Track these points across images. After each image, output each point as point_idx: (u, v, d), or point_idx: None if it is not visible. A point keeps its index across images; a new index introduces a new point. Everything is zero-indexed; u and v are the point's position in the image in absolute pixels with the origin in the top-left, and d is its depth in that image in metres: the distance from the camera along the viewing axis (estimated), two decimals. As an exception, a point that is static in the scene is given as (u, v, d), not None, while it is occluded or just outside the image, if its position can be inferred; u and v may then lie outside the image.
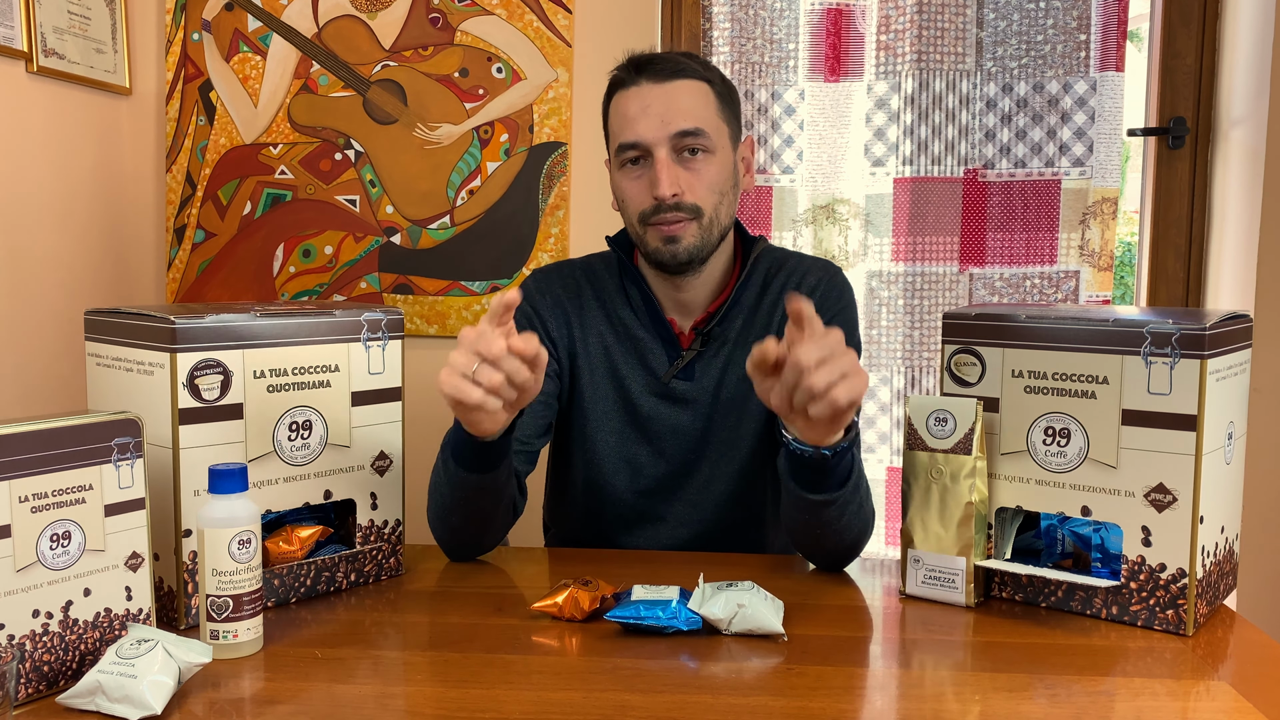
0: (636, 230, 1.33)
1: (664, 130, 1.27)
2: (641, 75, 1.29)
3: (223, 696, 0.88)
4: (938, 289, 2.01)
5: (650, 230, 1.31)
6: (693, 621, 1.01)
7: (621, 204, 1.35)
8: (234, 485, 0.96)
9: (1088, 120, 1.96)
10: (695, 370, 1.37)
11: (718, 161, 1.31)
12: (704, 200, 1.29)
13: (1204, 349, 0.98)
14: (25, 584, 0.85)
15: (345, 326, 1.13)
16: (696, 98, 1.29)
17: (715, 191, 1.30)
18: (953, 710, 0.86)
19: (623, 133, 1.30)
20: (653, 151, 1.28)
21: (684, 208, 1.28)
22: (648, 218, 1.30)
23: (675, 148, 1.28)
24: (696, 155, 1.29)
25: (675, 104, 1.28)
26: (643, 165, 1.30)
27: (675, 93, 1.28)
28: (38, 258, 1.76)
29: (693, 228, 1.29)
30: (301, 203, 2.04)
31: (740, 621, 1.00)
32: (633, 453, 1.39)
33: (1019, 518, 1.13)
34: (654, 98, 1.28)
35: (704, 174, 1.29)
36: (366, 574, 1.17)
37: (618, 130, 1.31)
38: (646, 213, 1.30)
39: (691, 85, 1.29)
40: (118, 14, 1.95)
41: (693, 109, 1.28)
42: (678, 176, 1.28)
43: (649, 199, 1.29)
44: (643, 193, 1.30)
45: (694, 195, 1.29)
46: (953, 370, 1.13)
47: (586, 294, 1.41)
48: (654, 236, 1.31)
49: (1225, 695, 0.89)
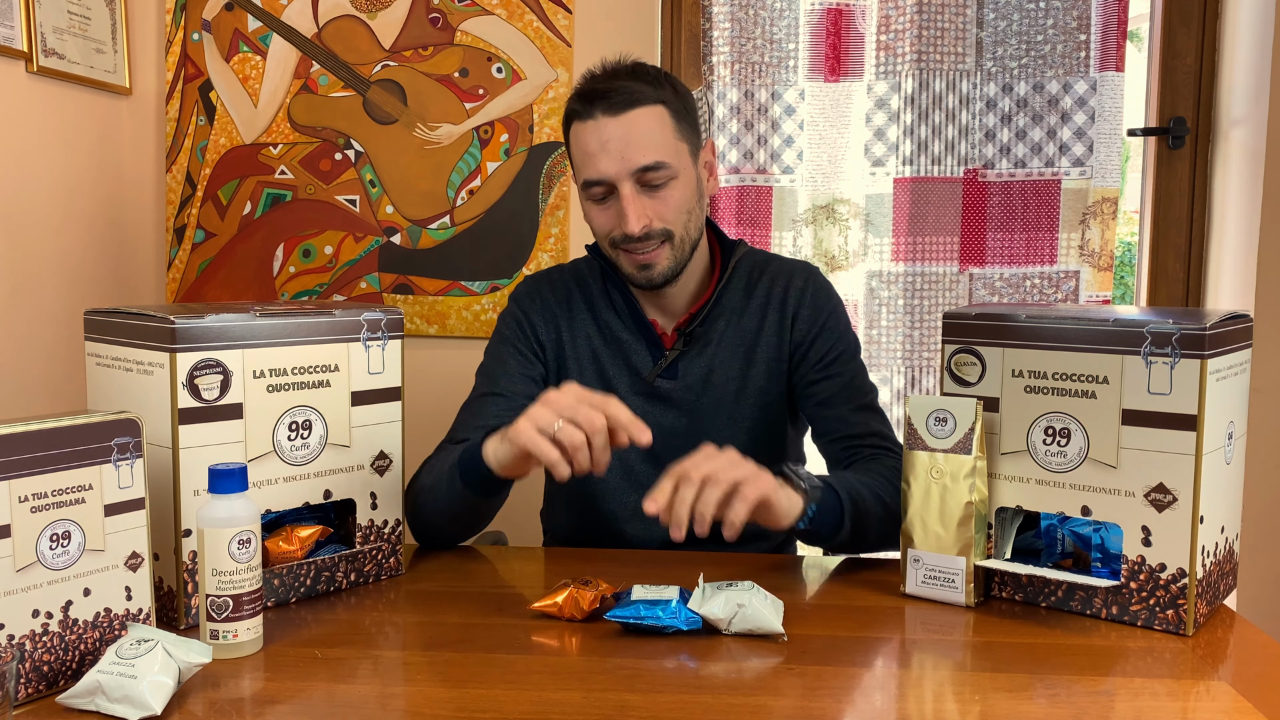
0: (609, 252, 1.36)
1: (625, 166, 1.28)
2: (596, 107, 1.29)
3: (223, 696, 0.88)
4: (938, 289, 2.01)
5: (623, 255, 1.33)
6: (692, 621, 1.01)
7: (594, 231, 1.37)
8: (234, 485, 0.96)
9: (1088, 120, 1.96)
10: (679, 369, 1.39)
11: (681, 183, 1.32)
12: (673, 223, 1.32)
13: (1204, 349, 0.98)
14: (25, 584, 0.85)
15: (345, 326, 1.13)
16: (653, 126, 1.29)
17: (683, 212, 1.32)
18: (953, 710, 0.86)
19: (585, 168, 1.31)
20: (617, 186, 1.29)
21: (654, 235, 1.31)
22: (618, 244, 1.33)
23: (638, 180, 1.29)
24: (660, 185, 1.30)
25: (633, 138, 1.28)
26: (609, 199, 1.32)
27: (632, 125, 1.28)
28: (38, 258, 1.76)
29: (665, 250, 1.32)
30: (301, 203, 2.04)
31: (740, 621, 1.00)
32: (622, 451, 1.39)
33: (1019, 518, 1.13)
34: (611, 132, 1.28)
35: (670, 199, 1.31)
36: (366, 574, 1.17)
37: (580, 165, 1.32)
38: (617, 239, 1.32)
39: (647, 113, 1.29)
40: (118, 14, 1.95)
41: (650, 140, 1.28)
42: (644, 208, 1.30)
43: (617, 229, 1.31)
44: (610, 222, 1.33)
45: (663, 220, 1.31)
46: (953, 370, 1.13)
47: (575, 298, 1.43)
48: (628, 262, 1.34)
49: (1225, 695, 0.89)
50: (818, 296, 1.41)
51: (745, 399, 1.39)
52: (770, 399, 1.40)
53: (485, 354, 1.43)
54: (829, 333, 1.40)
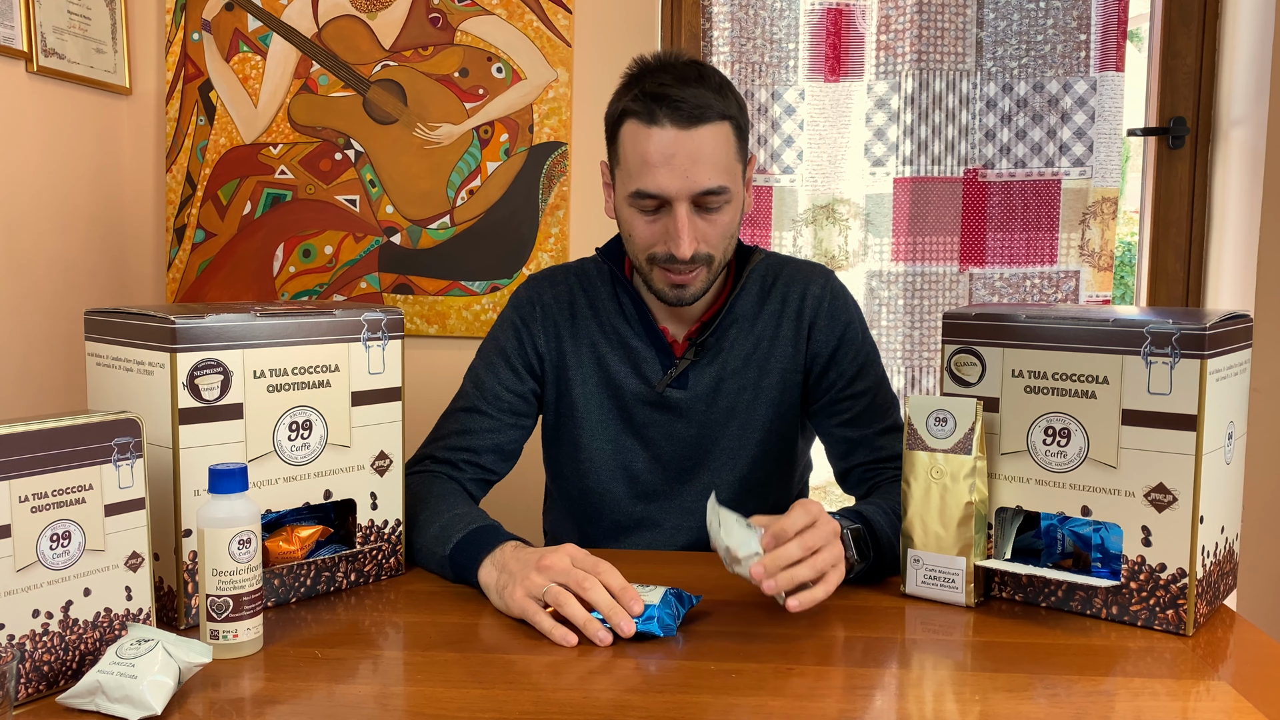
0: (641, 264, 1.30)
1: (688, 186, 1.21)
2: (663, 114, 1.20)
3: (223, 696, 0.88)
4: (938, 289, 2.01)
5: (659, 272, 1.28)
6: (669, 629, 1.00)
7: (627, 236, 1.30)
8: (234, 485, 0.96)
9: (1088, 120, 1.96)
10: (689, 379, 1.36)
11: (733, 207, 1.27)
12: (716, 248, 1.27)
13: (1204, 349, 0.98)
14: (25, 584, 0.85)
15: (345, 326, 1.13)
16: (719, 146, 1.22)
17: (727, 236, 1.28)
18: (953, 710, 0.86)
19: (641, 177, 1.23)
20: (672, 205, 1.23)
21: (698, 259, 1.26)
22: (658, 260, 1.27)
23: (695, 202, 1.23)
24: (715, 208, 1.25)
25: (700, 157, 1.21)
26: (657, 211, 1.25)
27: (700, 143, 1.21)
28: (38, 258, 1.76)
29: (702, 273, 1.28)
30: (301, 203, 2.04)
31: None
32: (629, 460, 1.39)
33: (1019, 518, 1.13)
34: (678, 146, 1.20)
35: (719, 223, 1.26)
36: (366, 574, 1.17)
37: (634, 171, 1.24)
38: (658, 257, 1.27)
39: (715, 132, 1.22)
40: (118, 14, 1.95)
41: (716, 162, 1.22)
42: (695, 230, 1.24)
43: (662, 245, 1.25)
44: (655, 237, 1.26)
45: (709, 245, 1.26)
46: (953, 370, 1.13)
47: (580, 302, 1.40)
48: (662, 279, 1.28)
49: (1225, 695, 0.89)
50: (835, 304, 1.37)
51: (757, 409, 1.37)
52: (783, 410, 1.37)
53: (478, 354, 1.41)
54: (848, 345, 1.36)
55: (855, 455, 1.36)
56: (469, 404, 1.37)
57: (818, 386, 1.37)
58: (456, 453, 1.34)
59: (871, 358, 1.38)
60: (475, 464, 1.35)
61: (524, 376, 1.38)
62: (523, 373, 1.38)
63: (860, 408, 1.35)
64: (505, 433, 1.37)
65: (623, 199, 1.28)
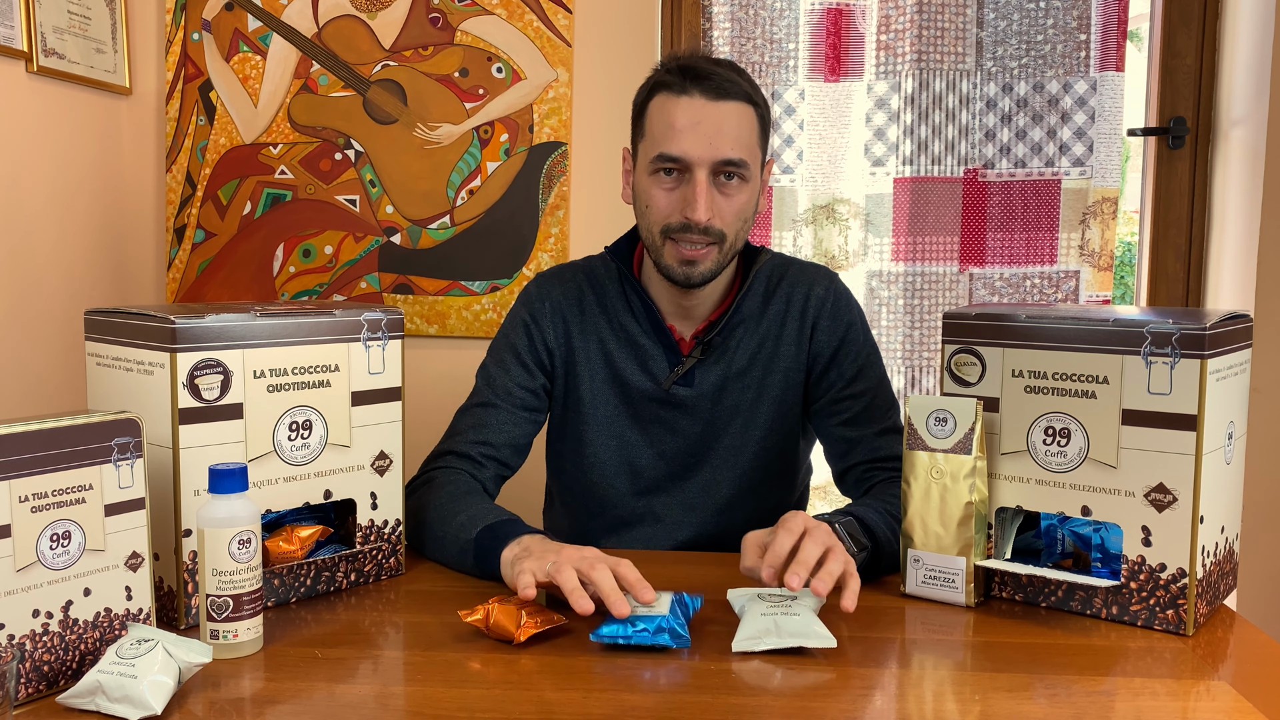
0: (654, 239, 1.31)
1: (710, 153, 1.25)
2: (694, 86, 1.26)
3: (223, 696, 0.88)
4: (938, 289, 2.01)
5: (670, 245, 1.29)
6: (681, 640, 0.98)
7: (644, 209, 1.32)
8: (234, 485, 0.96)
9: (1088, 120, 1.96)
10: (695, 376, 1.37)
11: (749, 190, 1.29)
12: (729, 227, 1.29)
13: (1204, 349, 0.98)
14: (25, 584, 0.85)
15: (345, 326, 1.13)
16: (744, 123, 1.27)
17: (741, 219, 1.30)
18: (953, 710, 0.86)
19: (666, 142, 1.26)
20: (693, 170, 1.26)
21: (711, 233, 1.27)
22: (671, 232, 1.28)
23: (715, 171, 1.26)
24: (732, 181, 1.27)
25: (724, 127, 1.25)
26: (677, 179, 1.28)
27: (726, 115, 1.25)
28: (38, 258, 1.76)
29: (713, 253, 1.29)
30: (301, 203, 2.04)
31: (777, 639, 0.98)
32: (633, 455, 1.40)
33: (1019, 518, 1.13)
34: (705, 115, 1.25)
35: (735, 201, 1.28)
36: (366, 574, 1.17)
37: (659, 137, 1.27)
38: (672, 227, 1.28)
39: (741, 109, 1.27)
40: (118, 14, 1.95)
41: (739, 136, 1.26)
42: (712, 201, 1.26)
43: (678, 214, 1.27)
44: (672, 206, 1.28)
45: (722, 222, 1.28)
46: (953, 370, 1.13)
47: (588, 299, 1.41)
48: (672, 254, 1.29)
49: (1225, 695, 0.89)
50: (838, 306, 1.39)
51: (760, 408, 1.38)
52: (785, 409, 1.38)
53: (489, 352, 1.42)
54: (850, 346, 1.37)
55: (853, 455, 1.36)
56: (484, 400, 1.38)
57: (818, 386, 1.38)
58: (476, 447, 1.35)
59: (872, 359, 1.39)
60: (494, 458, 1.36)
61: (535, 372, 1.39)
62: (534, 368, 1.39)
63: (859, 408, 1.36)
64: (520, 427, 1.38)
65: (643, 170, 1.31)
